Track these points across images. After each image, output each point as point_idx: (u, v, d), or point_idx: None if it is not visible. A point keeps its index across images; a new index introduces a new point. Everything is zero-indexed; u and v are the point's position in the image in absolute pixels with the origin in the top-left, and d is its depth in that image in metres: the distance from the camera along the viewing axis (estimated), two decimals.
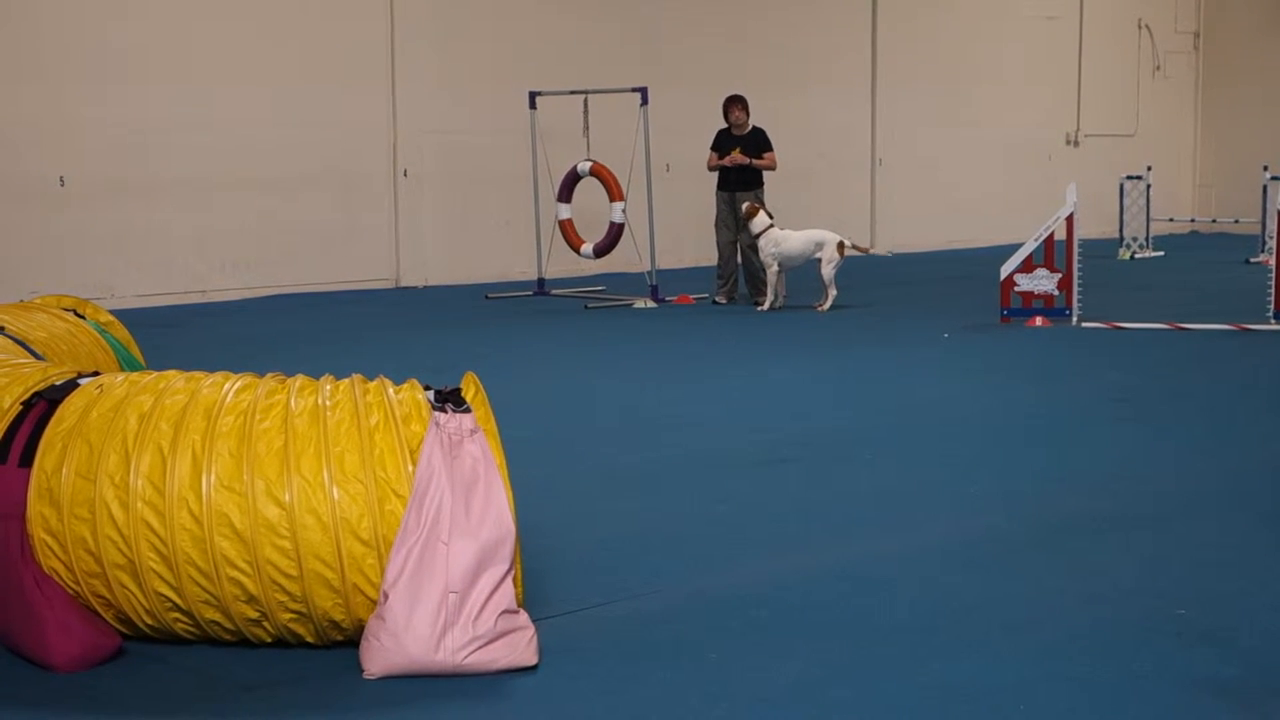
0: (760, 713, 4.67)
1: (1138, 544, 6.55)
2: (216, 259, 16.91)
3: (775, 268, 15.61)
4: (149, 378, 5.29)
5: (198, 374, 5.35)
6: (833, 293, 15.52)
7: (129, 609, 5.02)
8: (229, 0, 16.88)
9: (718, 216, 16.57)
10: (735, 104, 16.60)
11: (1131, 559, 6.33)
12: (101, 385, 5.24)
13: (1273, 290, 13.95)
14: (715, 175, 16.64)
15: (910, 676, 4.94)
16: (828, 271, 15.51)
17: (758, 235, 15.68)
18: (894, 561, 6.30)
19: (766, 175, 16.48)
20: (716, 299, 16.49)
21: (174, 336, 13.41)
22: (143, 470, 4.90)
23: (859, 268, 20.78)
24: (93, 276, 15.84)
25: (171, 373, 5.37)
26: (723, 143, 16.56)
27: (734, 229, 16.33)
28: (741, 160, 16.25)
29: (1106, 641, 5.25)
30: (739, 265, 16.53)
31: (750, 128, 16.53)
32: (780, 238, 15.60)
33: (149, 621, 5.05)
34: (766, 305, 15.70)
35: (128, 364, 7.41)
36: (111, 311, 8.22)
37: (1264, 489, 7.57)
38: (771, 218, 15.76)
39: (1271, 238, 15.73)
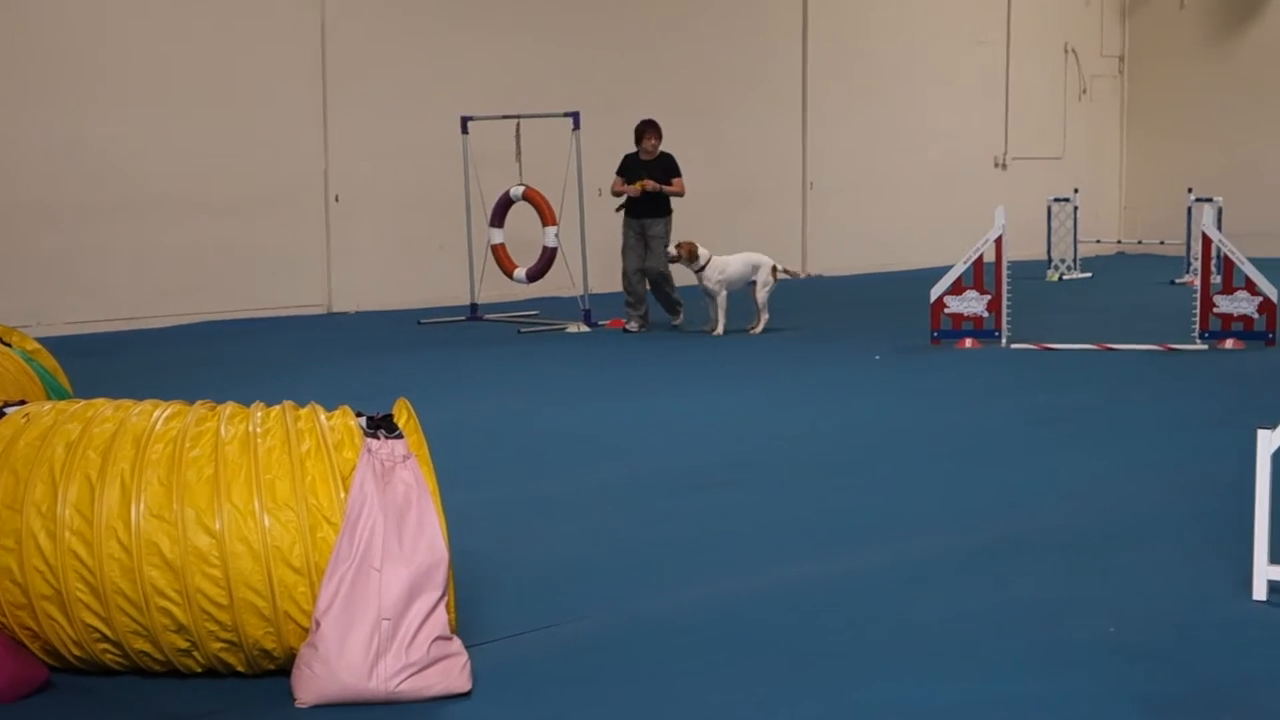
0: None
1: (1073, 565, 6.59)
2: (147, 285, 16.77)
3: (724, 294, 15.51)
4: (77, 406, 5.25)
5: (126, 402, 5.31)
6: (765, 316, 15.56)
7: (56, 641, 4.97)
8: (161, 25, 16.77)
9: (625, 244, 16.07)
10: (651, 130, 16.06)
11: (1067, 579, 6.37)
12: (28, 414, 5.19)
13: (1198, 311, 14.09)
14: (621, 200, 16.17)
15: (851, 697, 4.95)
16: (762, 295, 15.55)
17: (703, 268, 15.43)
18: (833, 583, 6.31)
19: (675, 201, 16.19)
20: (629, 327, 16.11)
21: (104, 364, 13.29)
22: (70, 500, 4.86)
23: (791, 291, 20.84)
24: (21, 303, 15.65)
25: (100, 401, 5.32)
26: (629, 168, 16.02)
27: (642, 257, 15.89)
28: (652, 187, 15.80)
29: (1045, 660, 5.29)
30: (647, 292, 16.13)
31: (659, 153, 16.07)
32: (723, 264, 15.53)
33: (77, 653, 5.00)
34: (720, 330, 15.44)
35: (55, 392, 7.33)
36: (40, 339, 8.15)
37: (1195, 508, 7.64)
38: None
39: (1196, 259, 15.89)
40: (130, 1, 16.59)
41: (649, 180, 15.83)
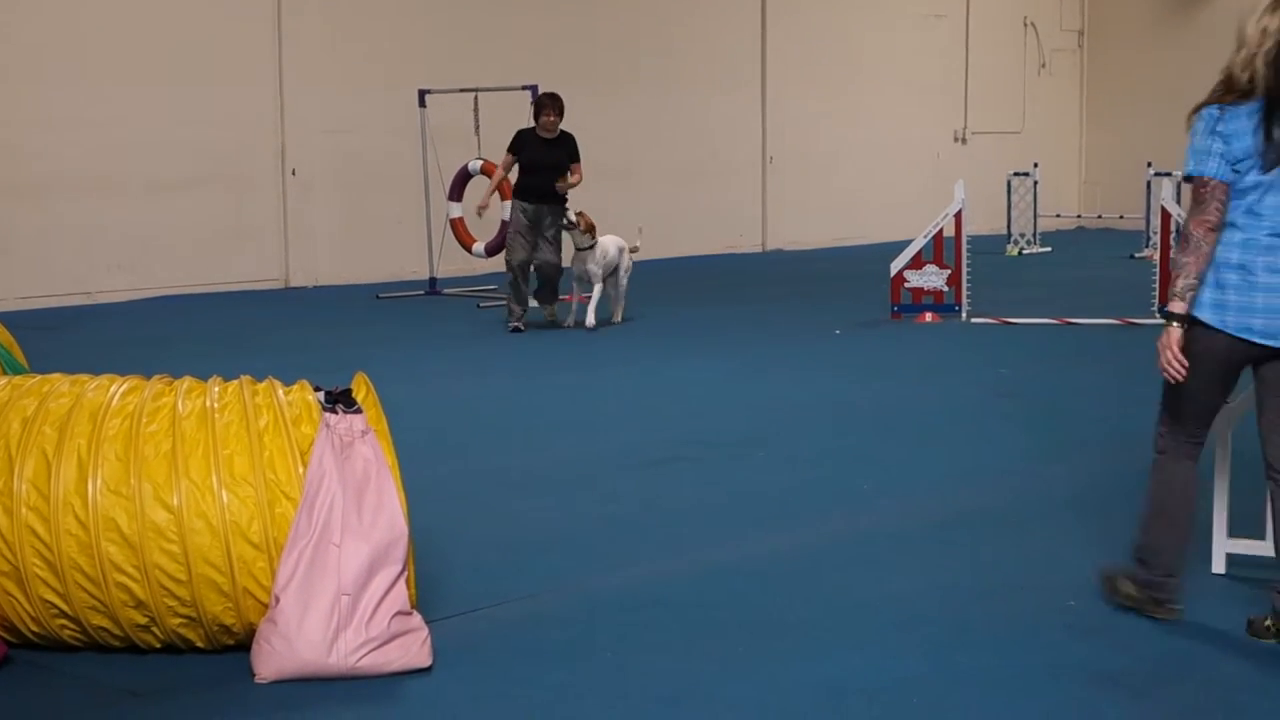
0: (656, 712, 4.67)
1: (1028, 538, 6.62)
2: (101, 260, 16.66)
3: (601, 281, 14.12)
4: (32, 381, 5.21)
5: (83, 377, 5.28)
6: (623, 303, 14.59)
7: (14, 617, 4.94)
8: None
9: (514, 228, 14.10)
10: (551, 105, 13.89)
11: (1022, 553, 6.39)
12: None
13: (1157, 285, 14.13)
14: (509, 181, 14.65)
15: (805, 672, 4.96)
16: (625, 280, 14.50)
17: (589, 248, 13.92)
18: (787, 558, 6.32)
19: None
20: (514, 325, 14.04)
21: (58, 339, 13.20)
22: (27, 475, 4.82)
23: (749, 266, 20.85)
24: None
25: (56, 376, 5.29)
26: (526, 146, 14.00)
27: (532, 248, 14.00)
28: (564, 188, 13.85)
29: (998, 635, 5.31)
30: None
31: (559, 132, 13.97)
32: (605, 247, 14.10)
33: (35, 629, 4.97)
34: (593, 320, 13.97)
35: (10, 367, 7.28)
36: None
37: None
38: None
39: (1155, 233, 15.94)
40: None
41: (562, 182, 13.88)
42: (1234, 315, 5.16)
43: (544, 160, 13.92)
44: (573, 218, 13.84)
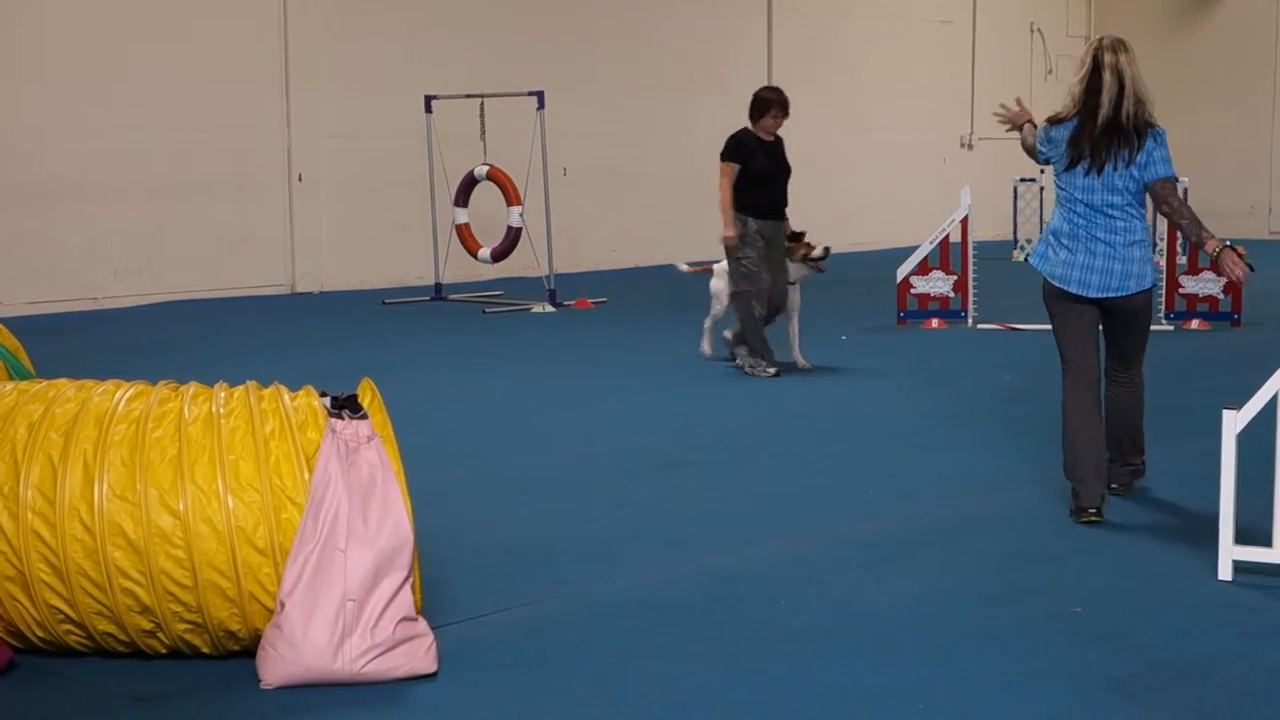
0: (661, 716, 4.67)
1: (1034, 543, 6.61)
2: (108, 265, 16.67)
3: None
4: (38, 386, 5.22)
5: (89, 382, 5.28)
6: None
7: (19, 621, 4.94)
8: (120, 1, 16.66)
9: (750, 255, 11.37)
10: (781, 104, 11.62)
11: (1027, 558, 6.39)
12: None
13: (1164, 292, 14.13)
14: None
15: (810, 677, 4.96)
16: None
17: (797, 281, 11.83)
18: (792, 564, 6.32)
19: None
20: (766, 372, 11.41)
21: (65, 344, 13.21)
22: (32, 480, 4.83)
23: None
24: None
25: (62, 381, 5.29)
26: (754, 154, 11.52)
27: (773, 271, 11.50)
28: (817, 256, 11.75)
29: (1003, 640, 5.30)
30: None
31: (774, 135, 11.75)
32: None
33: (40, 634, 4.98)
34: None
35: (16, 372, 7.28)
36: (0, 319, 8.09)
37: (1153, 489, 7.67)
38: None
39: (1162, 239, 15.93)
40: None
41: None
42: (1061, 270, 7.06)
43: (776, 169, 11.63)
44: (819, 251, 11.80)
